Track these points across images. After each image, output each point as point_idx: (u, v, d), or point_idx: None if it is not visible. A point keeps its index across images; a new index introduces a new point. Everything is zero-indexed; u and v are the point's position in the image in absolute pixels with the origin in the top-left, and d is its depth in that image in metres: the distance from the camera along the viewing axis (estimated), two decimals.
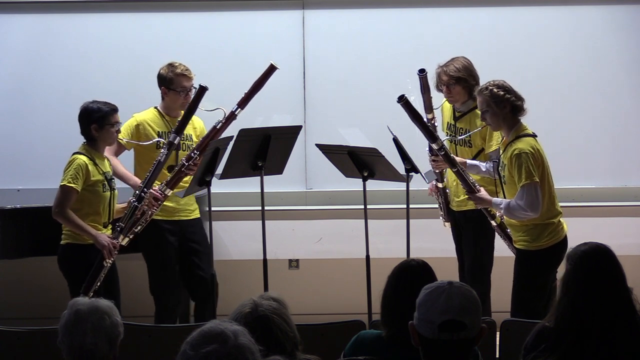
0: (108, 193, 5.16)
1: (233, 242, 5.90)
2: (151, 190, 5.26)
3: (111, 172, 5.22)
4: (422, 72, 5.30)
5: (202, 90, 5.27)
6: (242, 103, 5.37)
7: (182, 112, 5.47)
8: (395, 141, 5.32)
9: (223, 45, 6.56)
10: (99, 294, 4.76)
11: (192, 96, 5.41)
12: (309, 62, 6.58)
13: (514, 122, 4.93)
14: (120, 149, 5.46)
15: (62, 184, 5.06)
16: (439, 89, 5.44)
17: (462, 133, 5.43)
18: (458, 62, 5.40)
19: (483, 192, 5.13)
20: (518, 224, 4.95)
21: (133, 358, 3.83)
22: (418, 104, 5.29)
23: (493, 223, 5.23)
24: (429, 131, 5.18)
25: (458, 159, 5.38)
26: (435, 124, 5.44)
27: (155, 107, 5.59)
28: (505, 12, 6.62)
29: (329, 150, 5.56)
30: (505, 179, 4.92)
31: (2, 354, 4.13)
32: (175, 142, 5.29)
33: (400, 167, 5.36)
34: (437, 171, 5.51)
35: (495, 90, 4.90)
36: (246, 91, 5.38)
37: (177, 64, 5.50)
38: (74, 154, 5.14)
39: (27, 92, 6.56)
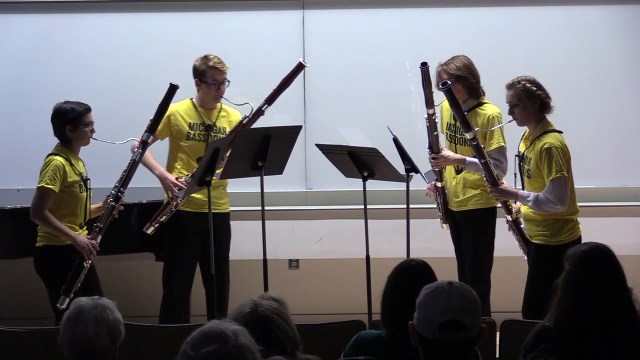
0: (84, 194, 5.16)
1: (233, 242, 5.89)
2: (175, 181, 5.43)
3: (85, 172, 5.21)
4: (424, 66, 5.29)
5: (173, 88, 5.28)
6: (270, 99, 5.49)
7: (220, 104, 5.61)
8: (395, 141, 5.31)
9: (223, 45, 6.55)
10: (78, 296, 4.75)
11: (223, 89, 5.54)
12: (309, 62, 6.57)
13: (541, 118, 4.96)
14: (153, 139, 5.47)
15: (39, 185, 5.04)
16: (439, 88, 5.44)
17: (462, 132, 5.42)
18: (458, 60, 5.40)
19: (507, 185, 5.11)
20: (539, 219, 4.94)
21: (133, 358, 3.82)
22: (419, 99, 5.27)
23: (508, 218, 5.17)
24: (465, 120, 5.08)
25: (457, 155, 5.38)
26: (436, 120, 5.44)
27: (191, 99, 5.65)
28: (505, 12, 6.62)
29: (329, 150, 5.56)
30: (531, 172, 4.92)
31: (2, 354, 4.13)
32: (149, 140, 5.32)
33: (400, 167, 5.36)
34: (436, 169, 5.51)
35: (528, 85, 4.94)
36: (274, 87, 5.48)
37: (211, 57, 5.57)
38: (50, 155, 5.12)
39: (27, 92, 6.56)
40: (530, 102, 4.93)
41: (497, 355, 4.17)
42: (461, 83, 5.36)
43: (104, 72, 6.54)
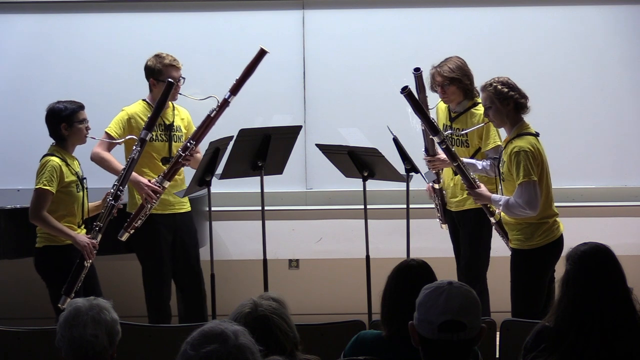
0: (81, 193, 5.16)
1: (233, 242, 5.90)
2: (149, 184, 5.32)
3: (81, 172, 5.21)
4: (417, 71, 5.30)
5: (170, 85, 5.26)
6: (234, 89, 5.39)
7: (171, 103, 5.53)
8: (395, 141, 5.32)
9: (223, 45, 6.56)
10: (79, 296, 4.75)
11: (179, 86, 5.45)
12: (309, 62, 6.58)
13: (517, 119, 4.93)
14: (112, 145, 5.44)
15: (37, 187, 5.03)
16: (433, 90, 5.44)
17: (459, 134, 5.43)
18: (452, 62, 5.39)
19: (483, 189, 5.13)
20: (513, 223, 4.95)
21: (133, 358, 3.82)
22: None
23: (492, 220, 5.22)
24: (431, 124, 5.15)
25: None
26: (432, 121, 5.43)
27: (144, 100, 5.59)
28: (505, 12, 6.62)
29: (329, 150, 5.56)
30: (504, 175, 4.92)
31: (2, 354, 4.13)
32: (147, 138, 5.28)
33: (400, 167, 5.36)
34: (433, 171, 5.51)
35: (499, 87, 4.91)
36: (237, 77, 5.39)
37: (164, 55, 5.51)
38: (45, 156, 5.11)
39: (27, 92, 6.57)
40: (502, 104, 4.91)
41: (497, 355, 4.17)
42: (455, 85, 5.36)
43: (102, 72, 6.54)
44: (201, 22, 6.63)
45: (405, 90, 5.02)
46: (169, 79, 5.27)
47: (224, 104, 5.38)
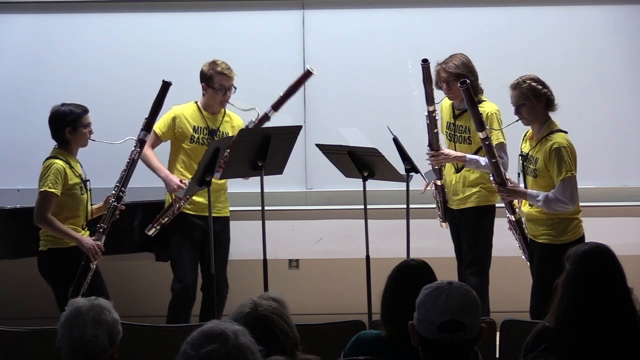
0: (85, 195, 5.17)
1: (233, 242, 5.89)
2: (180, 184, 5.44)
3: (84, 174, 5.22)
4: (425, 63, 5.32)
5: (166, 85, 5.28)
6: (276, 106, 5.55)
7: (223, 109, 5.65)
8: (395, 141, 5.32)
9: (223, 45, 6.55)
10: (86, 297, 4.75)
11: (229, 95, 5.58)
12: (309, 62, 6.57)
13: (547, 116, 4.96)
14: (157, 141, 5.57)
15: (42, 189, 5.03)
16: (438, 87, 5.45)
17: (461, 130, 5.43)
18: (457, 58, 5.42)
19: (516, 185, 5.09)
20: (544, 218, 4.93)
21: (133, 358, 3.82)
22: (419, 96, 5.26)
23: (512, 218, 5.14)
24: (479, 117, 5.06)
25: (457, 153, 5.39)
26: (437, 117, 5.45)
27: (196, 102, 5.69)
28: (505, 13, 6.62)
29: (329, 150, 5.57)
30: (538, 171, 4.91)
31: (2, 354, 4.13)
32: (145, 139, 5.30)
33: (400, 167, 5.36)
34: (435, 167, 5.51)
35: (533, 84, 4.94)
36: (281, 94, 5.55)
37: (219, 62, 5.59)
38: (49, 158, 5.11)
39: (27, 92, 6.57)
40: (537, 100, 4.94)
41: (497, 355, 4.17)
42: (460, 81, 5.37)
43: (103, 72, 6.54)
44: (201, 22, 6.63)
45: (464, 85, 4.99)
46: (165, 80, 5.29)
47: (264, 118, 5.52)
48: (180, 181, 5.50)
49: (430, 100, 5.37)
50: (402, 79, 6.45)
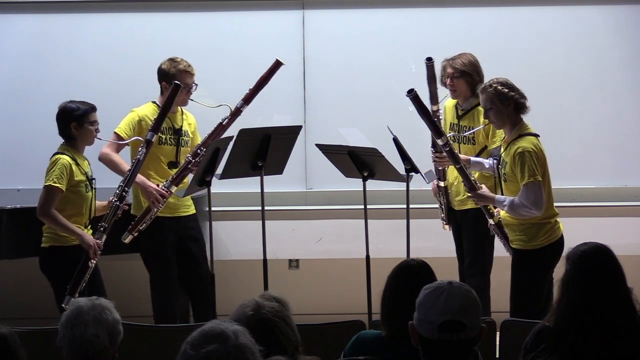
0: (90, 193, 5.17)
1: (233, 242, 5.90)
2: (158, 188, 5.32)
3: (91, 172, 5.21)
4: (429, 61, 5.32)
5: (177, 87, 5.25)
6: (247, 99, 5.43)
7: (180, 108, 5.54)
8: (395, 141, 5.32)
9: (223, 45, 6.56)
10: (84, 296, 4.75)
11: (191, 92, 5.47)
12: (309, 62, 6.58)
13: (517, 120, 4.94)
14: (120, 146, 5.44)
15: (46, 184, 5.03)
16: (443, 83, 5.46)
17: (465, 131, 5.43)
18: (465, 57, 5.45)
19: (485, 190, 5.12)
20: (515, 223, 4.95)
21: (133, 358, 3.82)
22: (423, 95, 5.24)
23: (491, 222, 5.21)
24: (435, 126, 5.15)
25: (462, 156, 5.39)
26: (440, 117, 5.45)
27: (154, 102, 5.58)
28: (505, 13, 6.63)
29: (329, 150, 5.57)
30: (507, 176, 4.92)
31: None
32: (153, 140, 5.27)
33: (400, 167, 5.36)
34: (439, 168, 5.51)
35: (499, 87, 4.92)
36: (251, 87, 5.43)
37: (179, 60, 5.50)
38: (56, 154, 5.11)
39: (27, 92, 6.57)
40: (503, 104, 4.91)
41: (497, 355, 4.17)
42: (465, 79, 5.39)
43: (103, 72, 6.54)
44: (201, 22, 6.63)
45: (412, 94, 5.01)
46: (176, 82, 5.26)
47: (236, 112, 5.42)
48: (157, 185, 5.36)
49: (434, 99, 5.38)
50: (402, 79, 6.44)
